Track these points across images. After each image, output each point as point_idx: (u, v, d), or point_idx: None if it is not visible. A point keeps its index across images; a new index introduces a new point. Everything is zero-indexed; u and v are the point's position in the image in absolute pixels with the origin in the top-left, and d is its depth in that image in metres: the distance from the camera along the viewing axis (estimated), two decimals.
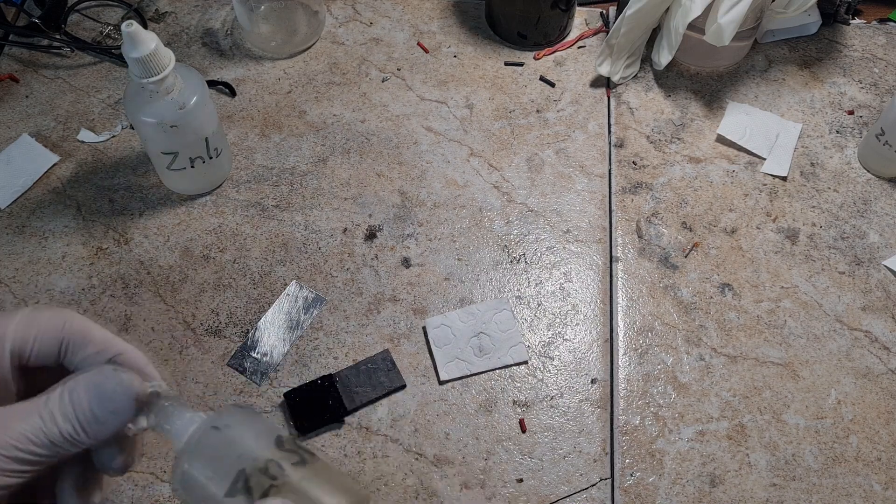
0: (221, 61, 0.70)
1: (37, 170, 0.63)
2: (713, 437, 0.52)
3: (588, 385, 0.54)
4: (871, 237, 0.60)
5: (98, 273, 0.58)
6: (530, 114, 0.67)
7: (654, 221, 0.61)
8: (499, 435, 0.52)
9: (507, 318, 0.56)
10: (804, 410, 0.53)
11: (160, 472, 0.50)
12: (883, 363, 0.55)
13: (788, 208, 0.62)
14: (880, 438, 0.52)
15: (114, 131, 0.66)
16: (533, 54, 0.71)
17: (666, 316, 0.57)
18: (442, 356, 0.54)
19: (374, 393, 0.52)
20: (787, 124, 0.66)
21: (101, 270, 0.58)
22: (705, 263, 0.59)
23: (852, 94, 0.68)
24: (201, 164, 0.59)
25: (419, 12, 0.74)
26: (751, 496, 0.50)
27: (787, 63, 0.70)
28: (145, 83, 0.52)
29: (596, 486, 0.50)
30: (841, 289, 0.58)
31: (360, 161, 0.64)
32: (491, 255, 0.59)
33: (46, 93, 0.68)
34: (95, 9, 0.74)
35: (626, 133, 0.66)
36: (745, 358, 0.55)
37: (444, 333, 0.55)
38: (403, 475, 0.50)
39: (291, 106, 0.67)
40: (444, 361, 0.54)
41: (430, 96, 0.68)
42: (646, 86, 0.69)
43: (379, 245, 0.60)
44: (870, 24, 0.73)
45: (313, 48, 0.71)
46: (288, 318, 0.56)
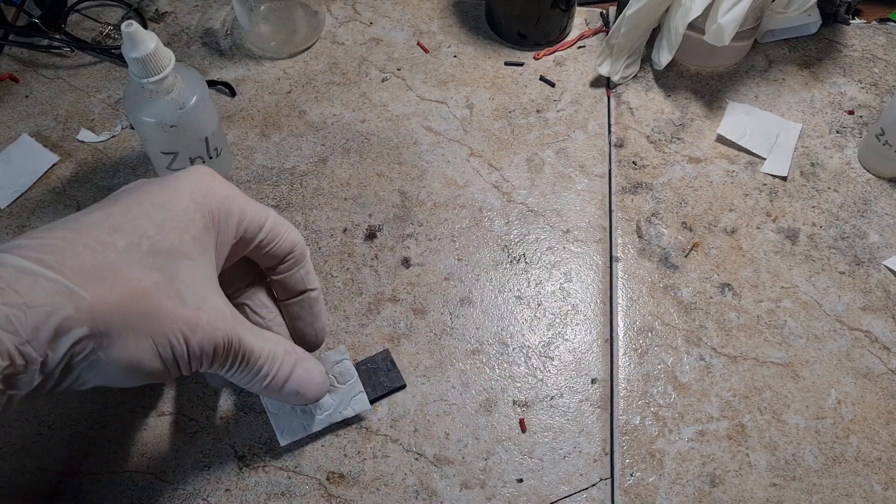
0: (221, 61, 0.70)
1: (37, 170, 0.63)
2: (713, 437, 0.52)
3: (588, 385, 0.54)
4: (871, 237, 0.60)
5: None
6: (530, 114, 0.67)
7: (654, 221, 0.61)
8: (499, 435, 0.52)
9: (347, 369, 0.51)
10: (804, 410, 0.53)
11: (160, 472, 0.50)
12: (883, 363, 0.55)
13: (788, 208, 0.62)
14: (880, 438, 0.52)
15: (114, 131, 0.66)
16: (533, 54, 0.71)
17: (666, 316, 0.57)
18: (278, 421, 0.50)
19: (373, 393, 0.52)
20: (787, 124, 0.66)
21: None
22: (705, 263, 0.59)
23: (852, 94, 0.68)
24: (201, 164, 0.59)
25: (419, 12, 0.74)
26: (751, 496, 0.50)
27: (787, 63, 0.70)
28: (145, 83, 0.52)
29: (596, 486, 0.50)
30: (841, 289, 0.58)
31: (360, 161, 0.64)
32: (491, 254, 0.59)
33: (46, 93, 0.68)
34: (95, 9, 0.74)
35: (626, 133, 0.66)
36: (745, 358, 0.55)
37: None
38: (403, 475, 0.50)
39: (291, 106, 0.67)
40: (282, 426, 0.49)
41: (430, 96, 0.68)
42: (646, 86, 0.69)
43: (379, 245, 0.60)
44: (870, 24, 0.73)
45: (313, 48, 0.71)
46: None
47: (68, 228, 0.37)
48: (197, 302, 0.39)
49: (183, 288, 0.38)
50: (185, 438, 0.51)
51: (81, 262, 0.36)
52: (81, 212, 0.39)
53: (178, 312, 0.38)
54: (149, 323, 0.37)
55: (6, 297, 0.34)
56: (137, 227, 0.38)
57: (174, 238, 0.39)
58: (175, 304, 0.38)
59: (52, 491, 0.49)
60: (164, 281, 0.38)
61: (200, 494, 0.49)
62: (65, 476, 0.50)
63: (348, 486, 0.50)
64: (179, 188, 0.40)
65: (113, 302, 0.36)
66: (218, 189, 0.42)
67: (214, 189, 0.41)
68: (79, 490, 0.49)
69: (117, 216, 0.38)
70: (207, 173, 0.42)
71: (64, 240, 0.36)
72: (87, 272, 0.36)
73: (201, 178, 0.41)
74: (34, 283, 0.34)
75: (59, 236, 0.36)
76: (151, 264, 0.38)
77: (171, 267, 0.38)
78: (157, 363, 0.38)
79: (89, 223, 0.38)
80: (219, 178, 0.43)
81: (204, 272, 0.40)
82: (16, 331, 0.33)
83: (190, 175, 0.41)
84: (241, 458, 0.51)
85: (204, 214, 0.40)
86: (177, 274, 0.38)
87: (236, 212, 0.42)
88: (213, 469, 0.50)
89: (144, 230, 0.38)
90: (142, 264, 0.37)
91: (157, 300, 0.37)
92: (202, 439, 0.51)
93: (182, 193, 0.40)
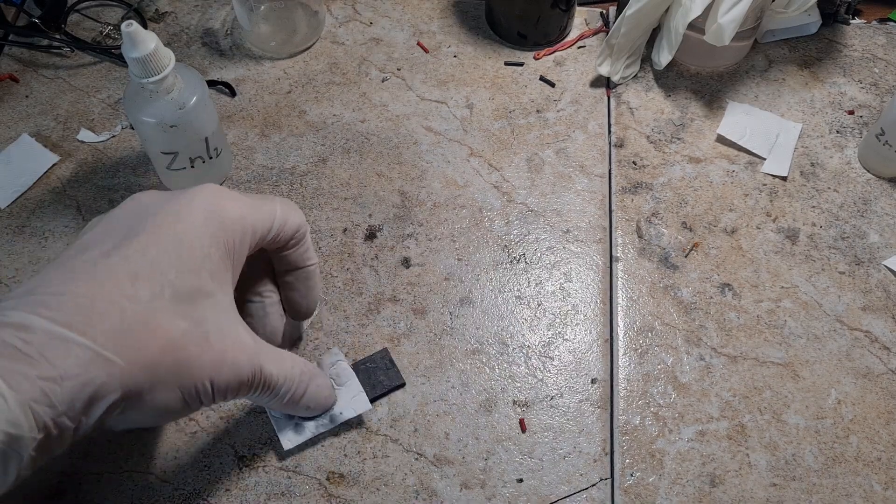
0: (221, 61, 0.70)
1: (37, 170, 0.63)
2: (713, 437, 0.52)
3: (588, 385, 0.54)
4: (871, 237, 0.60)
5: None
6: (530, 114, 0.67)
7: (654, 221, 0.61)
8: (499, 435, 0.52)
9: (343, 370, 0.52)
10: (804, 410, 0.53)
11: (160, 472, 0.50)
12: (883, 363, 0.55)
13: (788, 208, 0.62)
14: (880, 438, 0.52)
15: (114, 131, 0.66)
16: (533, 54, 0.71)
17: (666, 316, 0.57)
18: (281, 425, 0.50)
19: (373, 392, 0.52)
20: (787, 124, 0.66)
21: None
22: (705, 263, 0.59)
23: (852, 94, 0.68)
24: (201, 163, 0.59)
25: (419, 12, 0.74)
26: (751, 496, 0.50)
27: (787, 63, 0.70)
28: (145, 83, 0.52)
29: (596, 486, 0.50)
30: (841, 289, 0.58)
31: (360, 161, 0.64)
32: (491, 254, 0.59)
33: (46, 93, 0.68)
34: (95, 9, 0.74)
35: (626, 133, 0.66)
36: (745, 358, 0.55)
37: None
38: (403, 475, 0.50)
39: (291, 106, 0.67)
40: (285, 430, 0.50)
41: (430, 96, 0.68)
42: (646, 86, 0.69)
43: (379, 245, 0.60)
44: (870, 24, 0.73)
45: (313, 48, 0.71)
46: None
47: (90, 280, 0.37)
48: (221, 342, 0.40)
49: (207, 329, 0.39)
50: (185, 438, 0.51)
51: (110, 323, 0.36)
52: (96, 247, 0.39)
53: (204, 358, 0.39)
54: (177, 375, 0.38)
55: (41, 370, 0.34)
56: (157, 270, 0.38)
57: (193, 279, 0.39)
58: (201, 350, 0.39)
59: (53, 491, 0.49)
60: (190, 328, 0.38)
61: (200, 494, 0.49)
62: (65, 476, 0.50)
63: (348, 486, 0.50)
64: (193, 218, 0.40)
65: (143, 362, 0.36)
66: (230, 213, 0.41)
67: (227, 214, 0.41)
68: (79, 490, 0.49)
69: (136, 259, 0.38)
70: (218, 195, 0.42)
71: (88, 297, 0.36)
72: (117, 334, 0.36)
73: (213, 203, 0.41)
74: (67, 351, 0.34)
75: (82, 293, 0.36)
76: (176, 312, 0.38)
77: (195, 310, 0.39)
78: (181, 406, 0.39)
79: (110, 271, 0.37)
80: (228, 196, 0.42)
81: (224, 306, 0.41)
82: (52, 404, 0.34)
83: (201, 199, 0.41)
84: (241, 458, 0.51)
85: (219, 246, 0.40)
86: (200, 317, 0.39)
87: (249, 229, 0.42)
88: (213, 469, 0.50)
89: (165, 274, 0.38)
90: (167, 314, 0.38)
91: (184, 350, 0.38)
92: (202, 439, 0.51)
93: (196, 224, 0.40)
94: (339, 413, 0.50)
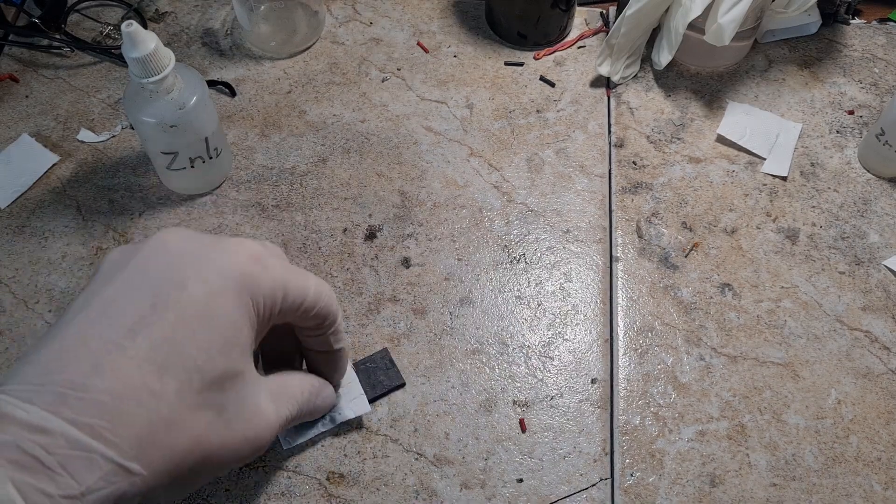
0: (221, 61, 0.70)
1: (37, 170, 0.63)
2: (713, 437, 0.52)
3: (588, 385, 0.54)
4: (871, 237, 0.60)
5: None
6: (530, 114, 0.67)
7: (654, 221, 0.61)
8: (499, 435, 0.52)
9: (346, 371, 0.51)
10: (804, 410, 0.53)
11: None
12: (883, 363, 0.55)
13: (788, 208, 0.62)
14: (880, 438, 0.52)
15: (114, 131, 0.66)
16: (533, 54, 0.71)
17: (666, 316, 0.57)
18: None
19: (373, 392, 0.52)
20: (787, 124, 0.66)
21: None
22: (705, 263, 0.59)
23: (852, 94, 0.68)
24: (201, 163, 0.59)
25: (419, 12, 0.74)
26: (751, 496, 0.50)
27: (787, 63, 0.70)
28: (145, 83, 0.52)
29: (596, 486, 0.50)
30: (841, 289, 0.58)
31: (360, 161, 0.64)
32: (491, 254, 0.59)
33: (46, 93, 0.68)
34: (95, 9, 0.74)
35: (626, 133, 0.66)
36: (745, 358, 0.55)
37: None
38: (403, 475, 0.50)
39: (291, 106, 0.67)
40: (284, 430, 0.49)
41: (430, 96, 0.68)
42: (646, 86, 0.69)
43: (379, 245, 0.60)
44: (870, 24, 0.73)
45: (313, 48, 0.71)
46: None
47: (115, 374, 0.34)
48: (242, 424, 0.38)
49: (230, 416, 0.37)
50: None
51: (136, 428, 0.34)
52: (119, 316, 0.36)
53: (225, 449, 0.37)
54: (196, 471, 0.37)
55: (62, 486, 0.32)
56: (186, 358, 0.35)
57: (222, 361, 0.37)
58: (223, 441, 0.37)
59: None
60: (213, 418, 0.37)
61: (200, 494, 0.49)
62: None
63: (348, 486, 0.50)
64: (226, 289, 0.37)
65: (167, 468, 0.35)
66: (265, 281, 0.39)
67: (262, 280, 0.38)
68: None
69: (163, 347, 0.35)
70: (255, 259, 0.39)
71: (113, 395, 0.33)
72: (142, 439, 0.34)
73: (249, 268, 0.38)
74: (90, 463, 0.32)
75: (106, 389, 0.33)
76: (202, 403, 0.36)
77: (221, 396, 0.37)
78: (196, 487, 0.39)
79: (137, 364, 0.34)
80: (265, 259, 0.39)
81: (248, 381, 0.39)
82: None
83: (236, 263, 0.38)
84: None
85: (251, 317, 0.38)
86: (225, 401, 0.37)
87: (280, 297, 0.40)
88: None
89: (193, 361, 0.36)
90: (193, 408, 0.36)
91: (205, 444, 0.36)
92: None
93: (229, 297, 0.37)
94: (340, 414, 0.50)
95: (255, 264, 0.38)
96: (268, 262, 0.39)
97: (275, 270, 0.39)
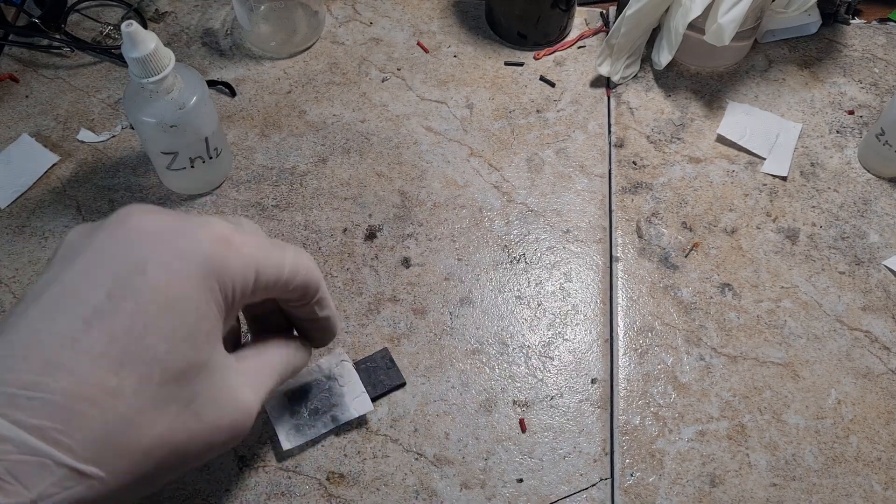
0: (221, 61, 0.70)
1: (37, 170, 0.63)
2: (713, 437, 0.52)
3: (588, 385, 0.54)
4: (871, 237, 0.60)
5: None
6: (530, 114, 0.67)
7: (654, 221, 0.61)
8: (499, 435, 0.52)
9: (347, 371, 0.52)
10: (804, 410, 0.53)
11: None
12: (883, 363, 0.55)
13: (788, 208, 0.62)
14: (880, 438, 0.52)
15: (114, 131, 0.66)
16: (533, 54, 0.71)
17: (666, 316, 0.57)
18: (281, 425, 0.50)
19: (373, 392, 0.52)
20: (787, 124, 0.66)
21: None
22: (705, 263, 0.59)
23: (852, 94, 0.68)
24: (201, 163, 0.59)
25: (419, 12, 0.74)
26: (751, 496, 0.50)
27: (787, 63, 0.70)
28: (145, 83, 0.52)
29: (596, 486, 0.50)
30: (841, 289, 0.58)
31: (360, 161, 0.64)
32: (491, 255, 0.59)
33: (46, 93, 0.68)
34: (95, 9, 0.74)
35: (626, 133, 0.66)
36: (745, 358, 0.55)
37: (280, 401, 0.51)
38: (403, 475, 0.50)
39: (291, 106, 0.67)
40: (285, 430, 0.50)
41: (430, 96, 0.68)
42: (646, 86, 0.69)
43: (379, 245, 0.60)
44: (870, 24, 0.73)
45: (313, 48, 0.71)
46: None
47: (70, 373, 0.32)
48: (217, 414, 0.36)
49: (199, 407, 0.35)
50: None
51: (90, 429, 0.32)
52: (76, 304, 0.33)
53: (194, 441, 0.35)
54: (165, 467, 0.35)
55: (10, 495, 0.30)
56: (146, 350, 0.33)
57: (186, 350, 0.34)
58: (191, 433, 0.35)
59: None
60: (179, 412, 0.34)
61: (200, 494, 0.49)
62: None
63: (348, 486, 0.50)
64: (190, 274, 0.34)
65: (127, 468, 0.33)
66: (233, 261, 0.36)
67: (230, 262, 0.36)
68: None
69: (121, 339, 0.33)
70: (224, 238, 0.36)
71: (66, 395, 0.31)
72: (98, 441, 0.32)
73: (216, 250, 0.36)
74: (42, 469, 0.30)
75: (60, 389, 0.31)
76: (165, 397, 0.34)
77: (187, 388, 0.35)
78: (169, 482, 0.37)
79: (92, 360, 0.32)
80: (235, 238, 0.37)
81: (217, 366, 0.36)
82: None
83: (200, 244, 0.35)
84: (241, 458, 0.51)
85: (217, 301, 0.36)
86: (192, 393, 0.35)
87: (251, 278, 0.37)
88: (213, 469, 0.50)
89: (154, 353, 0.33)
90: (155, 402, 0.33)
91: (172, 439, 0.34)
92: None
93: (193, 282, 0.34)
94: (342, 413, 0.50)
95: (222, 245, 0.36)
96: (237, 241, 0.37)
97: (244, 249, 0.37)
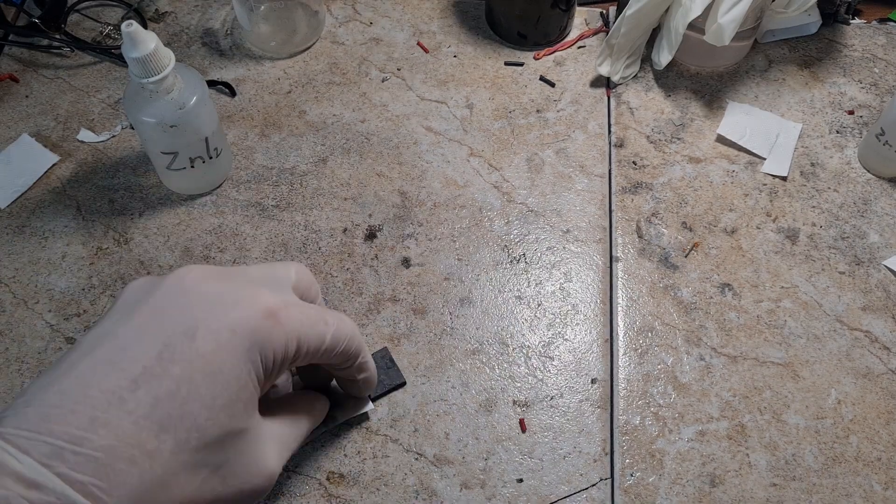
0: (221, 61, 0.70)
1: (37, 170, 0.63)
2: (713, 437, 0.52)
3: (588, 385, 0.54)
4: (871, 237, 0.60)
5: (98, 273, 0.58)
6: (530, 114, 0.67)
7: (654, 221, 0.61)
8: (499, 435, 0.52)
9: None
10: (804, 410, 0.53)
11: None
12: (883, 363, 0.55)
13: (788, 208, 0.62)
14: (880, 438, 0.52)
15: (114, 131, 0.66)
16: (533, 54, 0.71)
17: (666, 316, 0.57)
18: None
19: (373, 392, 0.52)
20: (787, 124, 0.66)
21: (101, 270, 0.58)
22: (705, 263, 0.59)
23: (852, 94, 0.68)
24: (201, 163, 0.59)
25: (419, 12, 0.74)
26: (751, 496, 0.50)
27: (787, 63, 0.70)
28: (145, 83, 0.52)
29: (596, 486, 0.50)
30: (841, 289, 0.58)
31: (360, 161, 0.64)
32: (491, 255, 0.59)
33: (46, 93, 0.68)
34: (95, 9, 0.74)
35: (626, 133, 0.66)
36: (745, 358, 0.55)
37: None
38: (403, 475, 0.50)
39: (291, 106, 0.67)
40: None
41: (430, 96, 0.68)
42: (646, 86, 0.69)
43: (379, 245, 0.60)
44: (870, 24, 0.73)
45: (313, 48, 0.71)
46: None
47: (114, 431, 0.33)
48: (241, 479, 0.38)
49: (226, 473, 0.37)
50: None
51: (128, 487, 0.33)
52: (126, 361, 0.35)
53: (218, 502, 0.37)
54: None
55: None
56: (187, 417, 0.35)
57: (224, 419, 0.36)
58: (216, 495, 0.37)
59: None
60: (209, 475, 0.36)
61: None
62: None
63: (348, 486, 0.50)
64: (236, 346, 0.36)
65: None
66: (277, 336, 0.38)
67: (275, 335, 0.38)
68: None
69: (165, 403, 0.34)
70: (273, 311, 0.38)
71: (108, 452, 0.33)
72: (133, 499, 0.33)
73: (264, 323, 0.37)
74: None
75: (103, 446, 0.33)
76: (199, 462, 0.35)
77: (220, 454, 0.36)
78: None
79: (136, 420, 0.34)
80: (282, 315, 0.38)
81: (252, 436, 0.38)
82: None
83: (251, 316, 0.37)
84: None
85: (258, 372, 0.37)
86: (223, 459, 0.37)
87: (293, 349, 0.39)
88: None
89: (194, 420, 0.35)
90: (189, 467, 0.35)
91: (198, 501, 0.36)
92: None
93: (238, 354, 0.36)
94: (343, 413, 0.50)
95: (268, 319, 0.38)
96: (282, 315, 0.38)
97: (289, 323, 0.38)
